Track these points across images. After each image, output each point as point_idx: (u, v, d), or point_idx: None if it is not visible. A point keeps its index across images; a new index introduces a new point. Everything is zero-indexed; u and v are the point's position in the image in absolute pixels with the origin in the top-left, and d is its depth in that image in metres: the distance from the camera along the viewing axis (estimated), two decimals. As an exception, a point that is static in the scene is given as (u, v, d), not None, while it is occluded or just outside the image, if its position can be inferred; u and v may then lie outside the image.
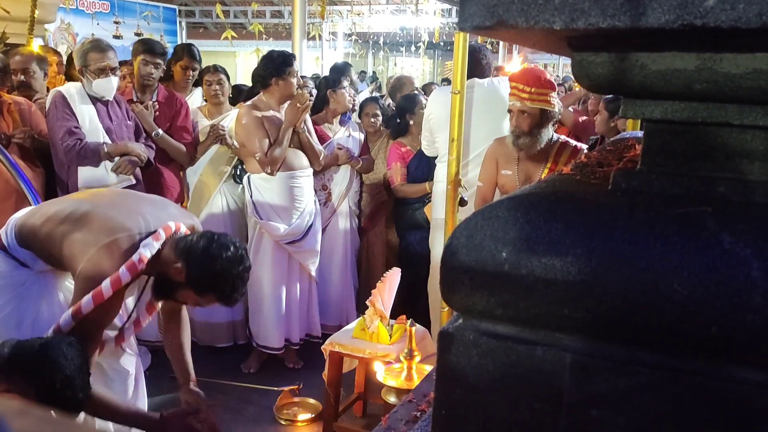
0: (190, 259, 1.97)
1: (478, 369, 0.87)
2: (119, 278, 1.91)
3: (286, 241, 3.73)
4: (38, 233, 2.13)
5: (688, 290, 0.76)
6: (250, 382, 3.59)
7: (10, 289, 2.17)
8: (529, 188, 0.94)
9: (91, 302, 1.90)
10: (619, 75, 0.85)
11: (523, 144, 2.98)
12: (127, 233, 2.01)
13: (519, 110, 2.96)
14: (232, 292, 2.03)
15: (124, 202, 2.22)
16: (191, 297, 2.05)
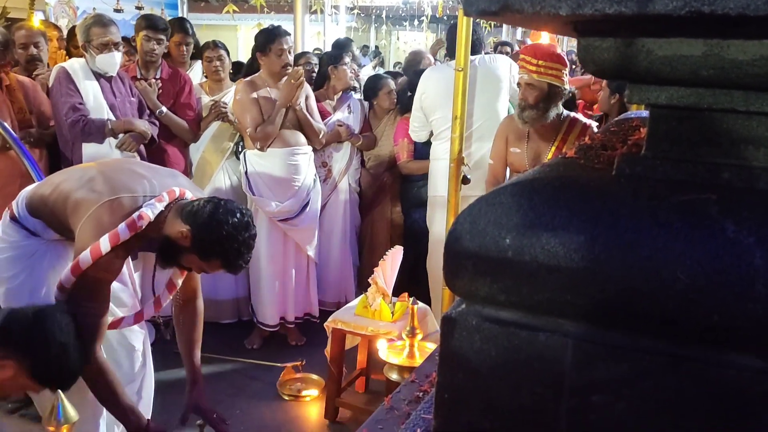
0: (196, 223, 1.96)
1: (480, 354, 0.88)
2: (117, 234, 1.90)
3: (279, 219, 3.73)
4: (47, 200, 2.14)
5: (690, 278, 0.76)
6: (253, 358, 3.63)
7: (22, 259, 2.19)
8: (533, 173, 0.94)
9: (89, 257, 1.89)
10: (625, 60, 0.85)
11: (528, 117, 2.97)
12: (130, 194, 2.01)
13: (526, 83, 2.94)
14: (237, 258, 2.02)
15: (130, 168, 2.23)
16: (196, 262, 2.04)
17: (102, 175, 2.10)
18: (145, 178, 2.10)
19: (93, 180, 2.07)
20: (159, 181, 2.11)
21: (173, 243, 2.00)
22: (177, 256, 2.04)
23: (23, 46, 3.73)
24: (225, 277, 4.08)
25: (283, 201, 3.70)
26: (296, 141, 3.72)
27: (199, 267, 2.07)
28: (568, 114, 3.10)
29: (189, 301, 2.40)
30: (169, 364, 3.38)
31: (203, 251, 1.99)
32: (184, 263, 2.08)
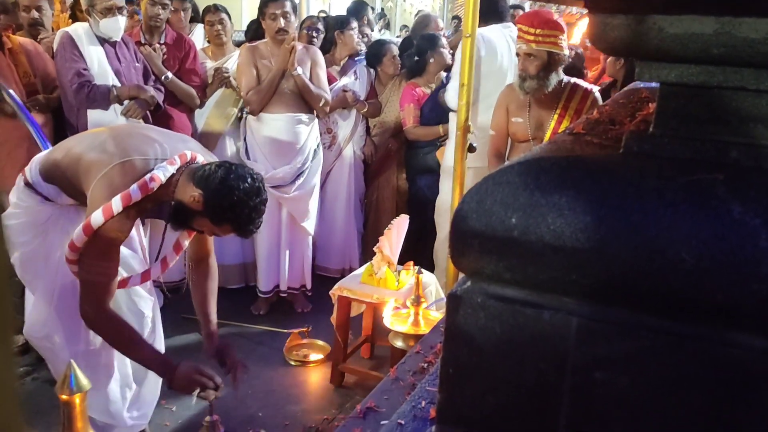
0: (208, 188, 1.98)
1: (485, 331, 0.89)
2: (129, 195, 1.93)
3: (270, 185, 3.72)
4: (60, 165, 2.16)
5: (695, 259, 0.77)
6: (260, 324, 3.67)
7: (36, 225, 2.22)
8: (541, 151, 0.94)
9: (101, 217, 1.91)
10: (636, 38, 0.84)
11: (529, 87, 2.94)
12: (141, 156, 2.03)
13: (525, 53, 2.91)
14: (248, 223, 2.04)
15: (142, 132, 2.24)
16: (207, 226, 2.07)
17: (113, 138, 2.12)
18: (156, 141, 2.11)
19: (104, 143, 2.10)
20: (170, 144, 2.13)
21: (185, 206, 2.02)
22: (189, 219, 2.06)
23: (26, 9, 3.70)
24: (232, 242, 4.10)
25: (276, 167, 3.68)
26: (298, 107, 3.69)
27: (210, 230, 2.09)
28: (569, 80, 3.07)
29: (202, 260, 2.43)
30: (177, 329, 3.43)
31: (215, 216, 2.01)
32: (195, 226, 2.11)
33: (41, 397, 2.87)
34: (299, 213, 3.82)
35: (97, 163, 2.03)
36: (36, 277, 2.26)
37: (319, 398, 3.10)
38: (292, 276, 3.92)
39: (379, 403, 1.34)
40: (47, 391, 2.87)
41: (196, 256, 2.40)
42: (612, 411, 0.85)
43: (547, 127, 3.07)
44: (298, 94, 3.67)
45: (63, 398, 1.23)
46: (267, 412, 2.90)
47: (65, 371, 1.26)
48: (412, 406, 1.02)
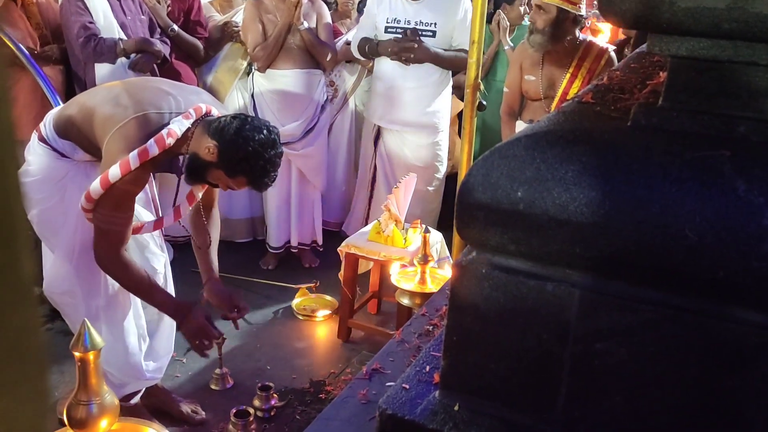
0: (223, 139, 1.98)
1: (489, 300, 0.91)
2: (147, 150, 1.94)
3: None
4: (74, 120, 2.16)
5: (698, 235, 0.78)
6: (268, 279, 3.72)
7: (52, 181, 2.23)
8: (548, 123, 0.94)
9: (119, 171, 1.93)
10: (648, 11, 0.83)
11: (534, 42, 2.90)
12: (156, 110, 2.03)
13: (536, 5, 2.86)
14: (263, 176, 2.03)
15: (156, 86, 2.24)
16: (222, 178, 2.07)
17: (127, 92, 2.11)
18: (170, 94, 2.11)
19: (118, 96, 2.09)
20: (184, 97, 2.12)
21: (200, 159, 2.02)
22: (203, 172, 2.07)
23: None
24: (240, 196, 4.12)
25: (285, 124, 3.67)
26: (305, 63, 3.65)
27: (225, 183, 2.10)
28: (584, 38, 3.02)
29: (206, 209, 2.45)
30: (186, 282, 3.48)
31: (230, 167, 2.01)
32: (210, 179, 2.11)
33: (56, 347, 2.94)
34: (308, 169, 3.82)
35: (113, 117, 2.03)
36: (55, 234, 2.28)
37: (327, 352, 3.16)
38: (303, 232, 3.94)
39: (384, 364, 1.37)
40: (61, 341, 2.94)
41: (202, 203, 2.43)
42: (611, 380, 0.87)
43: (558, 85, 3.04)
44: (305, 49, 3.63)
45: (77, 355, 1.27)
46: (275, 365, 2.97)
47: (79, 329, 1.29)
48: (417, 371, 1.05)
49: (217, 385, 2.73)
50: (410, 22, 3.53)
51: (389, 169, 3.81)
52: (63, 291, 2.32)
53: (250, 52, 3.61)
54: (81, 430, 1.28)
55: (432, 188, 3.73)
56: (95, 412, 1.28)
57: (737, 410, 0.83)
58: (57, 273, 2.32)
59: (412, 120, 3.63)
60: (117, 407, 1.31)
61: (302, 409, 2.67)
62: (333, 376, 2.90)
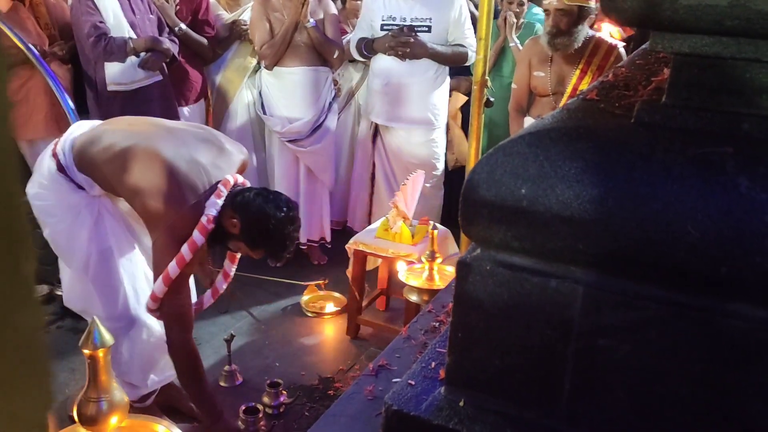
0: (246, 215, 2.08)
1: (493, 297, 0.91)
2: (195, 242, 2.05)
3: (287, 139, 3.72)
4: (99, 166, 2.18)
5: (701, 232, 0.78)
6: (277, 276, 3.73)
7: (66, 208, 2.26)
8: (551, 121, 0.94)
9: (177, 268, 2.05)
10: (649, 9, 0.83)
11: (560, 44, 2.90)
12: (195, 197, 2.09)
13: (556, 9, 2.85)
14: (282, 250, 2.15)
15: (185, 145, 2.19)
16: (243, 248, 2.18)
17: (163, 162, 2.08)
18: (200, 165, 2.13)
19: (155, 164, 2.08)
20: (213, 165, 2.16)
21: (224, 230, 2.12)
22: (226, 240, 2.17)
23: None
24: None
25: (293, 121, 3.68)
26: (312, 60, 3.66)
27: (245, 252, 2.21)
28: (593, 35, 3.01)
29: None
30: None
31: (251, 241, 2.12)
32: (231, 247, 2.23)
33: (66, 344, 2.97)
34: (317, 166, 3.83)
35: (155, 211, 2.06)
36: (69, 252, 2.30)
37: (335, 349, 3.17)
38: (311, 228, 3.95)
39: (391, 361, 1.38)
40: (72, 339, 2.97)
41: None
42: (615, 377, 0.88)
43: (568, 82, 3.04)
44: (312, 47, 3.64)
45: (87, 353, 1.28)
46: (283, 362, 2.98)
47: (89, 327, 1.30)
48: (422, 367, 1.06)
49: (226, 382, 2.75)
50: (405, 19, 3.53)
51: (388, 166, 3.82)
52: (81, 308, 2.38)
53: (258, 50, 3.62)
54: (91, 427, 1.30)
55: (430, 185, 3.74)
56: (105, 409, 1.29)
57: (742, 406, 0.84)
58: (73, 289, 2.35)
59: (409, 116, 3.64)
60: (127, 404, 1.33)
61: (311, 405, 2.69)
62: (341, 373, 2.91)
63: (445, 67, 3.69)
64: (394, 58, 3.52)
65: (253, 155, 4.12)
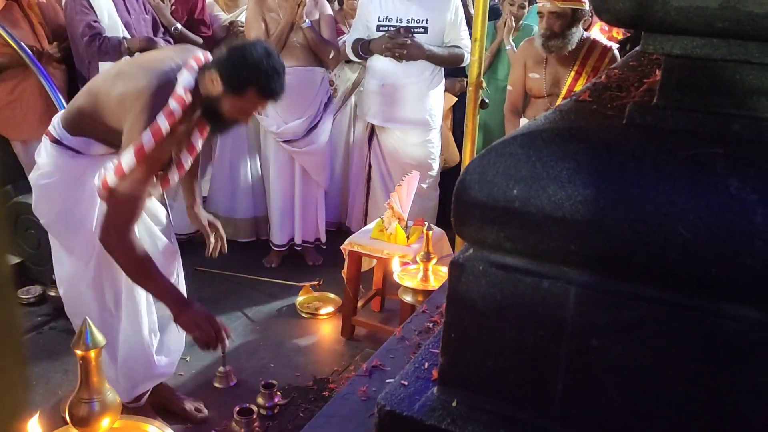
0: (220, 62, 2.03)
1: (486, 298, 0.92)
2: (172, 111, 1.97)
3: (282, 140, 3.72)
4: (85, 110, 2.18)
5: (692, 233, 0.78)
6: (272, 277, 3.73)
7: (70, 180, 2.22)
8: (544, 122, 0.95)
9: (152, 139, 1.95)
10: (641, 10, 0.84)
11: (554, 46, 2.91)
12: (162, 73, 2.05)
13: (550, 11, 2.86)
14: (270, 81, 2.04)
15: (150, 56, 2.30)
16: (237, 104, 2.08)
17: (131, 68, 2.16)
18: (168, 57, 2.15)
19: (125, 74, 2.12)
20: (180, 56, 2.16)
21: (211, 99, 2.06)
22: (218, 108, 2.08)
23: None
24: (243, 196, 4.13)
25: (288, 121, 3.68)
26: (308, 60, 3.66)
27: (241, 109, 2.11)
28: (587, 36, 3.02)
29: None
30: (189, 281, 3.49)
31: (236, 85, 2.03)
32: (228, 114, 2.11)
33: (59, 345, 2.96)
34: (312, 167, 3.83)
35: (128, 93, 2.03)
36: (74, 232, 2.27)
37: (330, 350, 3.17)
38: (306, 229, 3.95)
39: (384, 361, 1.38)
40: (64, 340, 2.97)
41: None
42: (608, 377, 0.88)
43: (563, 83, 3.05)
44: (308, 47, 3.64)
45: (79, 353, 1.28)
46: (278, 363, 2.98)
47: (81, 327, 1.30)
48: (416, 367, 1.06)
49: (220, 383, 2.75)
50: (402, 20, 3.54)
51: (384, 167, 3.82)
52: (78, 292, 2.34)
53: None
54: (83, 428, 1.30)
55: (426, 185, 3.74)
56: (97, 410, 1.29)
57: (735, 406, 0.84)
58: (73, 274, 2.32)
59: (406, 117, 3.64)
60: (119, 405, 1.33)
61: (305, 406, 2.69)
62: (336, 374, 2.91)
63: (441, 68, 3.70)
64: (390, 59, 3.53)
65: (248, 156, 4.12)
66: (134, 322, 2.32)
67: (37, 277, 3.50)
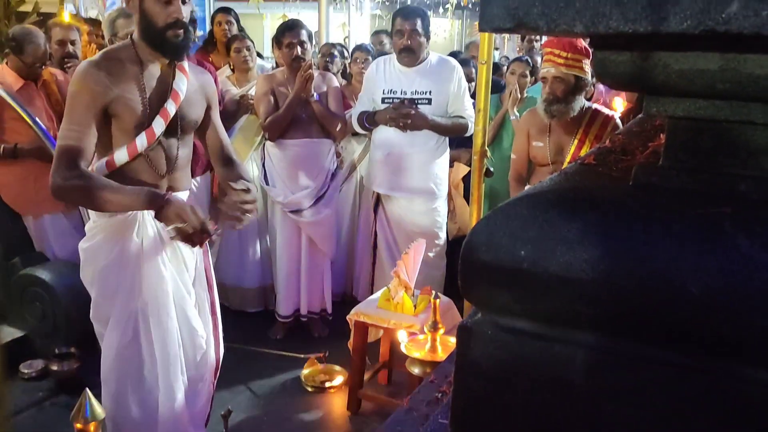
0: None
1: (495, 362, 0.89)
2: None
3: (289, 210, 3.76)
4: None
5: (702, 292, 0.77)
6: (277, 349, 3.68)
7: (112, 239, 2.27)
8: (550, 183, 0.95)
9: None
10: (642, 74, 0.85)
11: (556, 111, 2.96)
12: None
13: (554, 76, 2.93)
14: None
15: None
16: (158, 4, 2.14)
17: None
18: None
19: None
20: None
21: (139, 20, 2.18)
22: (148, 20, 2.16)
23: (60, 43, 3.80)
24: (251, 265, 4.13)
25: (295, 192, 3.72)
26: (315, 132, 3.74)
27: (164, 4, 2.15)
28: (589, 106, 3.09)
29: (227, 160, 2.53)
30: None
31: None
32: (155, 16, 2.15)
33: (60, 422, 2.90)
34: (319, 237, 3.85)
35: None
36: (110, 295, 2.28)
37: (336, 426, 3.09)
38: (312, 300, 3.93)
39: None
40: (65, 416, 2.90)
41: (219, 156, 2.51)
42: (622, 444, 0.85)
43: (567, 151, 3.09)
44: (315, 120, 3.73)
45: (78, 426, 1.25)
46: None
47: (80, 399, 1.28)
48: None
49: (223, 459, 2.66)
50: (406, 93, 3.63)
51: (390, 236, 3.84)
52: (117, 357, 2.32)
53: (262, 123, 3.71)
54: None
55: (433, 254, 3.74)
56: (96, 484, 1.25)
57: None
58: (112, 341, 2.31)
59: (412, 186, 3.68)
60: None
61: (311, 484, 2.60)
62: (342, 450, 2.83)
63: (446, 138, 3.76)
64: (395, 129, 3.59)
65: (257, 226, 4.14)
66: (169, 389, 2.29)
67: (40, 350, 3.46)
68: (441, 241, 3.83)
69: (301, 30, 3.68)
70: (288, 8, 8.99)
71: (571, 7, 0.76)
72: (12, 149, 3.40)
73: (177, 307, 2.31)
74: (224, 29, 4.56)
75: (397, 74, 3.67)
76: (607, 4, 0.74)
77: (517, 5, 0.78)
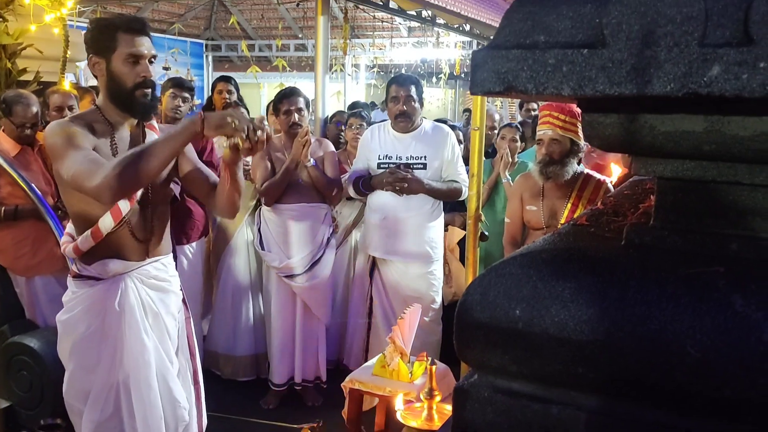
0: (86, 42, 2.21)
1: (493, 426, 0.88)
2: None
3: (284, 275, 3.74)
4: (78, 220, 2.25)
5: (700, 352, 0.76)
6: (269, 419, 3.59)
7: (91, 309, 2.22)
8: (543, 243, 0.95)
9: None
10: (629, 135, 0.87)
11: (552, 173, 3.00)
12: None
13: (551, 138, 2.98)
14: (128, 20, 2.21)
15: None
16: (118, 59, 2.14)
17: None
18: None
19: None
20: None
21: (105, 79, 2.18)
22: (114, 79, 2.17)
23: (58, 109, 3.86)
24: (244, 333, 4.08)
25: (291, 257, 3.72)
26: (311, 197, 3.76)
27: (126, 57, 2.14)
28: (582, 170, 3.13)
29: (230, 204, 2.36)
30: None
31: (105, 43, 2.15)
32: (122, 75, 2.16)
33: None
34: (313, 302, 3.81)
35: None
36: (90, 368, 2.23)
37: (330, 498, 2.99)
38: (307, 367, 3.86)
39: (387, 502, 1.30)
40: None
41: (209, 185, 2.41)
42: None
43: (560, 215, 3.11)
44: (312, 185, 3.76)
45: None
46: None
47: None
48: (420, 506, 0.99)
49: None
50: (401, 158, 3.69)
51: (386, 301, 3.82)
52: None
53: (258, 187, 3.74)
54: None
55: (429, 318, 3.71)
56: None
57: None
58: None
59: (407, 250, 3.69)
60: None
61: None
62: None
63: (440, 202, 3.80)
64: (391, 193, 3.63)
65: (251, 293, 4.11)
66: None
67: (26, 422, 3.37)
68: (437, 305, 3.81)
69: (299, 97, 3.76)
70: (285, 78, 9.22)
71: (558, 72, 0.78)
72: (13, 211, 3.41)
73: (159, 378, 2.26)
74: (224, 97, 4.66)
75: (392, 140, 3.74)
76: (592, 68, 0.77)
77: (506, 69, 0.80)
